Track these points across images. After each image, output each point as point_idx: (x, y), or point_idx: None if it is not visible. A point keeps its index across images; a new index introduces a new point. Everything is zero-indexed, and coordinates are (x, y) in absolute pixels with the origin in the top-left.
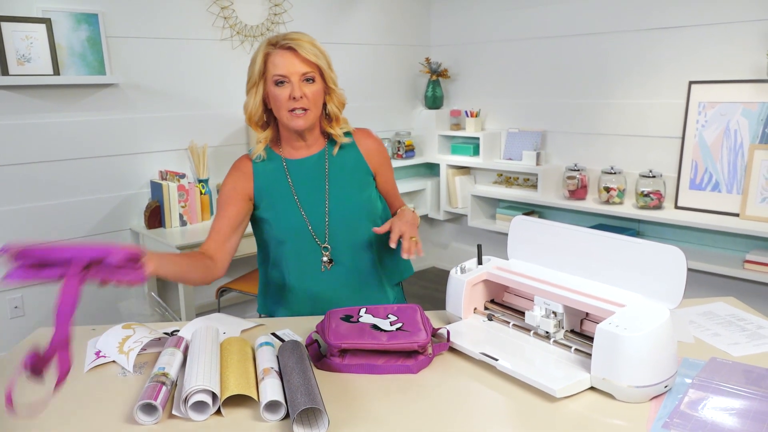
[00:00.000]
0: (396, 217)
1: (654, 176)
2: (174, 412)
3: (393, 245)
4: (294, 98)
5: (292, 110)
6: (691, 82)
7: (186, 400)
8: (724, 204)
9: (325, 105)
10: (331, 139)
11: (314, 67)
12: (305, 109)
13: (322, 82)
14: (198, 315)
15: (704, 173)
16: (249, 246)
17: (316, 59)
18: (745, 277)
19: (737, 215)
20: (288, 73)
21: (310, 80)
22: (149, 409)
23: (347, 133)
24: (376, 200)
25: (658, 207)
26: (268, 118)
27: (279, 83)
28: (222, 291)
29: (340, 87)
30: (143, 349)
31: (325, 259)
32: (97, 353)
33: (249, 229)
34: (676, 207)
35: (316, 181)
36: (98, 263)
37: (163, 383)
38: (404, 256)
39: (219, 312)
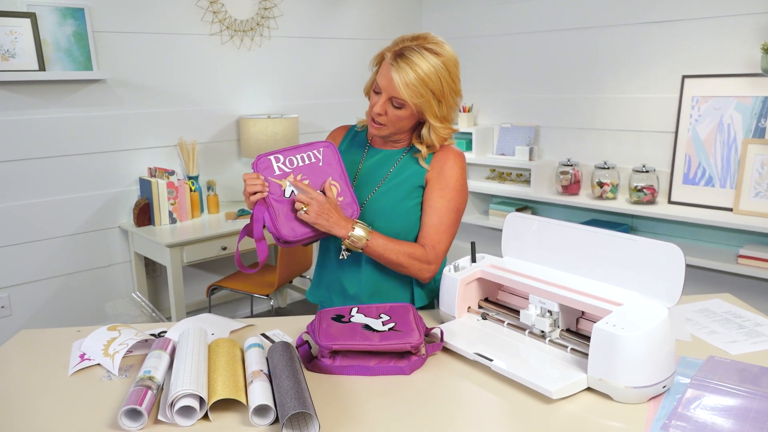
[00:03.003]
0: (328, 199)
1: (647, 171)
2: (160, 418)
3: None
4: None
5: (373, 119)
6: (684, 77)
7: (172, 405)
8: (717, 199)
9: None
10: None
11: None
12: (383, 124)
13: (415, 111)
14: (188, 314)
15: (698, 168)
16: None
17: (410, 98)
18: (739, 272)
19: (731, 210)
20: (382, 88)
21: (398, 106)
22: (134, 414)
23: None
24: (417, 214)
25: (652, 202)
26: None
27: (375, 91)
28: (213, 289)
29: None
30: (129, 351)
31: (344, 247)
32: (82, 356)
33: (230, 227)
34: (670, 202)
35: (376, 173)
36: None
37: (149, 387)
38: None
39: (209, 311)
